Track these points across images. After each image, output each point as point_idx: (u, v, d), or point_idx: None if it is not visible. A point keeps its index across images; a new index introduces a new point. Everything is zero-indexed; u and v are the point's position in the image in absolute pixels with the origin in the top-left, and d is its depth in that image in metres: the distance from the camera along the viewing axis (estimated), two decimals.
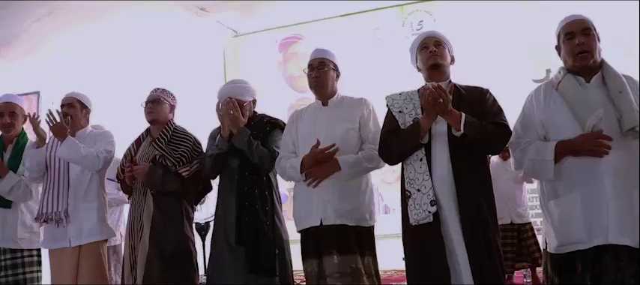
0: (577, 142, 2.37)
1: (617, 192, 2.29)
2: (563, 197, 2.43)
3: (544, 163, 2.43)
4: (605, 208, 2.29)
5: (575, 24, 2.51)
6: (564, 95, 2.47)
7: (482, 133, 2.53)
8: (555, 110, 2.49)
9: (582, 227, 2.33)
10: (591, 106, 2.39)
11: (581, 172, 2.37)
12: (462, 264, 2.46)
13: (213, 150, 3.22)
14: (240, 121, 3.14)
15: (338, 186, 2.87)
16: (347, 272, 2.77)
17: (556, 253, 2.45)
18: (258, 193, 3.14)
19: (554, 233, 2.45)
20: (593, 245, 2.30)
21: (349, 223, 2.85)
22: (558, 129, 2.46)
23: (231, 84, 3.42)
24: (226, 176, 3.25)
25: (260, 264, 3.05)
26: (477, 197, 2.55)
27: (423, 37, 2.83)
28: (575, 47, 2.47)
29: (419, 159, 2.58)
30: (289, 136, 3.10)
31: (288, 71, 7.75)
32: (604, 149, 2.30)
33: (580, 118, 2.40)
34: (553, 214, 2.48)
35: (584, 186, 2.35)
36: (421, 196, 2.52)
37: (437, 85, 2.53)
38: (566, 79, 2.49)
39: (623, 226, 2.26)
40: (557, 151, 2.41)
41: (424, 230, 2.52)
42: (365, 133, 2.98)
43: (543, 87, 2.60)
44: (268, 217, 3.13)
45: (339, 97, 3.09)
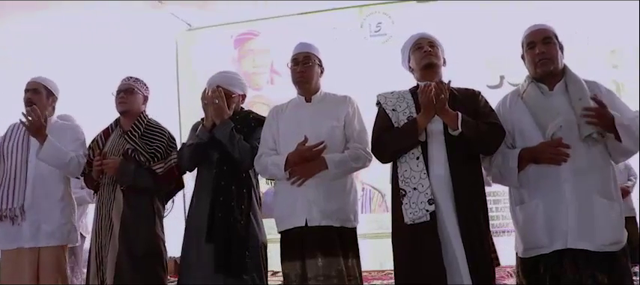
0: (537, 150, 2.46)
1: (577, 197, 2.39)
2: (528, 203, 2.52)
3: (509, 170, 2.51)
4: (565, 214, 2.39)
5: (537, 33, 2.61)
6: (528, 103, 2.57)
7: (478, 133, 2.53)
8: (520, 118, 2.58)
9: (544, 232, 2.42)
10: (553, 113, 2.47)
11: (543, 178, 2.46)
12: (460, 264, 2.44)
13: (193, 139, 3.07)
14: (225, 112, 3.01)
15: (323, 185, 2.78)
16: (332, 275, 2.70)
17: (523, 257, 2.53)
18: (235, 190, 3.00)
19: (521, 238, 2.54)
20: (553, 249, 2.40)
21: (334, 224, 2.77)
22: (523, 136, 2.56)
23: (222, 73, 3.27)
24: (204, 169, 3.10)
25: (228, 264, 2.91)
26: (473, 198, 2.56)
27: (416, 38, 2.82)
28: (535, 56, 2.56)
29: (415, 157, 2.54)
30: (269, 133, 2.98)
31: (242, 68, 7.56)
32: (563, 157, 2.37)
33: (542, 126, 2.49)
34: (519, 220, 2.56)
35: (546, 192, 2.45)
36: (418, 195, 2.48)
37: (438, 81, 2.50)
38: (530, 88, 2.58)
39: (581, 231, 2.36)
40: (520, 158, 2.48)
41: (420, 229, 2.48)
42: (350, 132, 2.90)
43: (510, 95, 2.70)
44: (243, 216, 2.99)
45: (323, 94, 3.01)
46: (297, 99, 3.02)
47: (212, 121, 3.01)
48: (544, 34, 2.60)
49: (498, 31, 6.87)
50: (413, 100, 2.69)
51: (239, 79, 3.25)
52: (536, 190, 2.49)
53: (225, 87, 3.10)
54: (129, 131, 3.22)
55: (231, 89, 3.14)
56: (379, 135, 2.67)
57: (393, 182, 2.65)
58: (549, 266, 2.42)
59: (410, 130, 2.55)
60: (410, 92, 2.76)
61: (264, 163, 2.88)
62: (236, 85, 3.19)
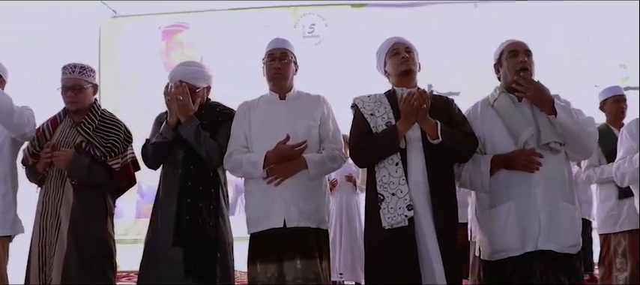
0: (511, 157, 2.56)
1: (546, 202, 2.52)
2: (498, 207, 2.60)
3: (480, 175, 2.59)
4: (537, 217, 2.50)
5: (520, 45, 2.71)
6: (500, 112, 2.66)
7: (456, 142, 2.58)
8: (491, 126, 2.67)
9: (516, 235, 2.52)
10: (523, 122, 2.58)
11: (515, 183, 2.56)
12: (436, 269, 2.45)
13: (157, 138, 2.89)
14: (190, 108, 2.85)
15: (301, 186, 2.72)
16: (310, 277, 2.64)
17: (489, 259, 2.61)
18: (202, 190, 2.87)
19: (489, 241, 2.61)
20: (525, 251, 2.51)
21: (311, 225, 2.72)
22: (493, 143, 2.65)
23: (185, 66, 3.07)
24: (170, 168, 2.93)
25: (198, 267, 2.78)
26: (449, 204, 2.59)
27: (392, 43, 2.80)
28: (517, 64, 2.64)
29: (394, 163, 2.54)
30: (241, 129, 2.86)
31: (170, 60, 7.31)
32: (535, 165, 2.51)
33: (513, 134, 2.59)
34: (488, 223, 2.63)
35: (518, 197, 2.55)
36: (396, 200, 2.49)
37: (422, 90, 2.53)
38: (502, 97, 2.68)
39: (550, 233, 2.49)
40: (493, 164, 2.58)
41: (397, 234, 2.48)
42: (324, 132, 2.86)
43: (480, 104, 2.78)
44: (212, 217, 2.86)
45: (296, 92, 2.94)
46: (270, 95, 2.93)
47: (176, 118, 2.85)
48: (525, 47, 2.70)
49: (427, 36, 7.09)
50: (390, 105, 2.70)
51: (203, 71, 3.07)
52: (508, 195, 2.57)
53: (188, 81, 2.93)
54: (82, 123, 2.97)
55: (195, 83, 2.97)
56: (358, 139, 2.65)
57: (369, 187, 2.64)
58: (519, 268, 2.51)
59: (391, 136, 2.55)
60: (386, 97, 2.76)
61: (237, 160, 2.78)
62: (200, 79, 3.02)
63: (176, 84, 2.88)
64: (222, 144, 2.87)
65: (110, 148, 2.95)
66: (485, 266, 2.66)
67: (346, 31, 7.15)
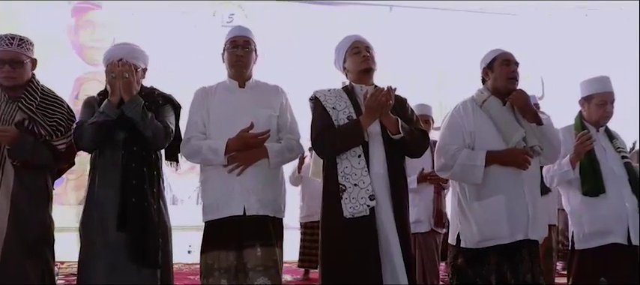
0: (506, 155, 2.80)
1: (531, 196, 2.83)
2: (488, 199, 2.82)
3: (474, 168, 2.80)
4: (525, 210, 2.79)
5: (511, 56, 2.97)
6: (489, 113, 2.89)
7: (413, 138, 2.73)
8: (482, 124, 2.90)
9: (506, 225, 2.76)
10: (514, 125, 2.84)
11: (506, 178, 2.81)
12: (395, 256, 2.58)
13: (97, 117, 2.73)
14: (134, 87, 2.77)
15: (261, 174, 2.75)
16: (269, 265, 2.69)
17: (474, 247, 2.82)
18: (146, 172, 2.78)
19: (477, 230, 2.82)
20: (515, 240, 2.76)
21: (269, 213, 2.76)
22: (483, 140, 2.87)
23: (125, 45, 2.97)
24: (108, 150, 2.80)
25: (143, 253, 2.70)
26: (405, 195, 2.74)
27: (353, 41, 2.89)
28: (510, 73, 2.91)
29: (357, 156, 2.64)
30: (199, 115, 2.84)
31: (79, 40, 6.93)
32: (527, 164, 2.77)
33: (503, 134, 2.84)
34: (476, 214, 2.84)
35: (508, 190, 2.81)
36: (358, 191, 2.59)
37: (389, 88, 2.65)
38: (492, 100, 2.92)
39: (536, 226, 2.81)
40: (487, 159, 2.78)
41: (359, 223, 2.58)
42: (282, 122, 2.91)
43: (469, 103, 2.99)
44: (155, 200, 2.79)
45: (254, 81, 2.96)
46: (229, 82, 2.92)
47: (119, 97, 2.74)
48: (515, 58, 2.96)
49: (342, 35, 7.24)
50: (349, 99, 2.79)
51: (143, 52, 2.98)
52: (499, 188, 2.81)
53: (129, 60, 2.84)
54: (22, 99, 2.77)
55: (136, 63, 2.87)
56: (322, 132, 2.72)
57: (329, 178, 2.72)
58: (507, 255, 2.77)
59: (356, 130, 2.65)
60: (345, 92, 2.84)
61: (196, 147, 2.75)
62: (140, 59, 2.93)
63: (121, 62, 2.79)
64: (166, 125, 2.82)
65: (55, 128, 2.77)
66: (467, 253, 2.85)
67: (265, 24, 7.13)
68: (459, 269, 2.89)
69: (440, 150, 2.94)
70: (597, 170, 3.21)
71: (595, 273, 3.17)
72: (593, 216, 3.20)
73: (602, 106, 3.34)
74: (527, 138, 2.83)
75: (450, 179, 3.04)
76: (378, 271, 2.56)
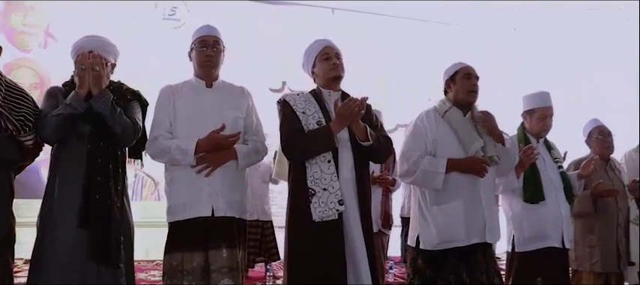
0: (465, 162, 2.96)
1: (487, 201, 2.99)
2: (447, 204, 2.96)
3: (435, 175, 2.94)
4: (482, 215, 2.95)
5: (472, 70, 3.12)
6: (451, 122, 3.04)
7: (380, 145, 2.81)
8: (443, 133, 3.04)
9: (463, 228, 2.91)
10: (474, 135, 3.00)
11: (465, 185, 2.97)
12: (361, 262, 2.64)
13: (63, 109, 2.63)
14: (104, 81, 2.70)
15: (229, 176, 2.76)
16: (234, 267, 2.70)
17: (433, 249, 2.95)
18: (111, 169, 2.71)
19: (436, 233, 2.95)
20: (471, 243, 2.91)
21: (236, 215, 2.77)
22: (445, 148, 3.01)
23: (96, 38, 2.88)
24: (73, 143, 2.71)
25: (105, 251, 2.62)
26: (369, 200, 2.81)
27: (323, 46, 2.91)
28: (471, 86, 3.06)
29: (327, 161, 2.68)
30: (165, 114, 2.80)
31: (10, 23, 6.57)
32: (485, 172, 2.93)
33: (463, 143, 3.00)
34: (436, 218, 2.98)
35: (466, 196, 2.96)
36: (328, 195, 2.63)
37: (363, 98, 2.70)
38: (453, 110, 3.07)
39: (491, 230, 2.98)
40: (448, 166, 2.92)
41: (327, 227, 2.62)
42: (248, 123, 2.91)
43: (432, 112, 3.12)
44: (119, 198, 2.73)
45: (221, 81, 2.94)
46: (195, 82, 2.89)
47: (88, 90, 2.66)
48: (476, 72, 3.11)
49: (284, 36, 7.32)
50: (318, 104, 2.83)
51: (114, 47, 2.91)
52: (457, 194, 2.95)
53: (99, 53, 2.78)
54: None
55: (106, 56, 2.81)
56: (292, 136, 2.73)
57: (297, 181, 2.74)
58: (463, 257, 2.91)
59: (327, 136, 2.68)
60: (313, 96, 2.87)
61: (164, 146, 2.71)
62: (111, 53, 2.87)
63: (93, 54, 2.72)
64: (134, 121, 2.77)
65: (23, 122, 2.63)
66: (427, 255, 2.97)
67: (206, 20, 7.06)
68: (419, 270, 3.01)
69: (403, 156, 3.04)
70: (538, 179, 3.43)
71: (532, 274, 3.38)
72: (532, 221, 3.42)
73: (542, 119, 3.56)
74: (486, 148, 2.99)
75: (412, 184, 3.16)
76: (344, 274, 2.61)
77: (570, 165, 3.89)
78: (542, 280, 3.36)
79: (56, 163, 2.75)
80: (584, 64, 7.12)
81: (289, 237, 2.75)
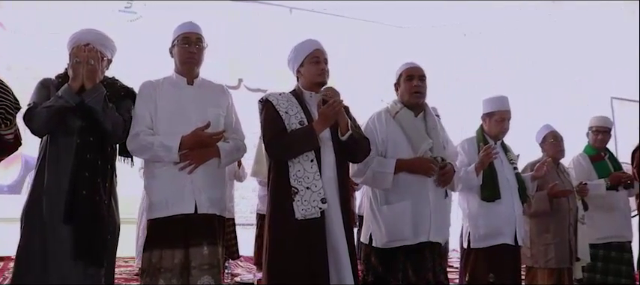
0: (414, 163, 3.05)
1: (435, 202, 3.07)
2: (396, 204, 3.05)
3: (385, 175, 3.04)
4: (429, 215, 3.02)
5: (416, 70, 3.20)
6: (401, 123, 3.13)
7: (360, 139, 2.90)
8: (394, 134, 3.13)
9: (410, 228, 3.00)
10: (423, 136, 3.10)
11: (413, 185, 3.05)
12: (343, 259, 2.71)
13: (55, 101, 2.59)
14: (98, 76, 2.67)
15: (211, 173, 2.78)
16: (214, 264, 2.72)
17: (383, 247, 3.04)
18: (101, 165, 2.69)
19: (385, 232, 3.05)
20: (418, 241, 3.00)
21: (217, 212, 2.80)
22: (395, 149, 3.10)
23: (95, 32, 2.84)
24: (62, 137, 2.67)
25: (90, 250, 2.60)
26: (350, 198, 2.92)
27: (314, 49, 2.94)
28: (412, 87, 3.14)
29: (309, 160, 2.73)
30: (147, 110, 2.78)
31: None
32: (433, 172, 3.03)
33: (413, 143, 3.09)
34: (385, 217, 3.07)
35: (414, 196, 3.04)
36: (311, 194, 2.68)
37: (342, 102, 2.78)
38: (404, 111, 3.17)
39: (438, 229, 3.05)
40: (396, 167, 3.02)
41: (310, 225, 2.68)
42: (229, 121, 2.94)
43: (383, 113, 3.21)
44: (107, 196, 2.70)
45: (201, 79, 2.95)
46: (176, 78, 2.89)
47: (81, 84, 2.63)
48: (421, 71, 3.19)
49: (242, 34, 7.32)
50: (299, 105, 2.88)
51: (112, 42, 2.88)
52: (406, 194, 3.04)
53: (96, 47, 2.75)
54: None
55: (103, 51, 2.79)
56: (275, 135, 2.77)
57: (279, 180, 2.78)
58: (411, 255, 3.00)
59: (310, 136, 2.73)
60: (294, 97, 2.92)
61: (146, 142, 2.70)
62: (108, 47, 2.84)
63: (88, 47, 2.70)
64: (126, 118, 2.76)
65: (3, 116, 2.56)
66: (379, 253, 3.06)
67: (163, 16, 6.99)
68: (372, 267, 3.12)
69: None
70: (495, 179, 3.61)
71: (486, 270, 3.55)
72: (488, 219, 3.59)
73: (501, 122, 3.74)
74: (435, 149, 3.09)
75: (363, 184, 3.25)
76: (326, 272, 2.67)
77: (526, 167, 4.10)
78: (494, 276, 3.53)
79: (45, 156, 2.70)
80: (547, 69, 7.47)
81: (270, 234, 2.79)
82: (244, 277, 5.69)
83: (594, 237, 4.35)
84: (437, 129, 3.19)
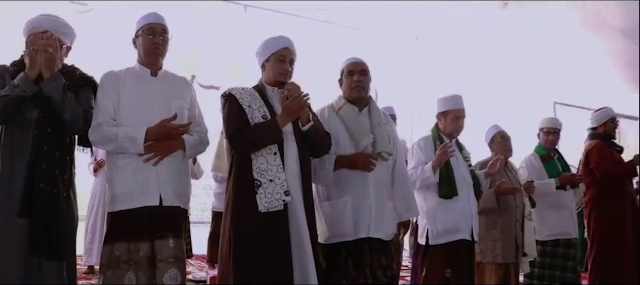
0: (353, 158, 3.06)
1: (376, 198, 3.07)
2: (337, 200, 3.06)
3: (325, 171, 3.04)
4: (369, 210, 3.03)
5: (357, 65, 3.22)
6: (343, 119, 3.16)
7: (321, 130, 2.94)
8: (336, 129, 3.13)
9: (351, 224, 3.01)
10: (364, 131, 3.12)
11: (353, 181, 3.06)
12: (307, 250, 2.73)
13: (10, 90, 2.51)
14: (57, 64, 2.60)
15: (175, 165, 2.76)
16: (180, 257, 2.72)
17: (325, 243, 3.05)
18: (59, 156, 2.62)
19: (327, 227, 3.06)
20: (358, 237, 3.01)
21: (181, 205, 2.79)
22: (337, 144, 3.10)
23: (53, 18, 2.74)
24: (18, 128, 2.59)
25: (47, 244, 2.53)
26: (311, 192, 2.93)
27: (282, 47, 2.94)
28: (353, 82, 3.17)
29: (273, 153, 2.75)
30: (109, 101, 2.74)
31: None
32: (372, 167, 3.04)
33: (355, 139, 3.11)
34: (326, 213, 3.08)
35: (355, 192, 3.05)
36: (274, 186, 2.69)
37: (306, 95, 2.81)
38: (346, 107, 3.19)
39: (378, 225, 3.05)
40: (337, 163, 3.04)
41: (273, 217, 2.69)
42: (192, 114, 2.92)
43: (326, 109, 3.24)
44: (65, 188, 2.64)
45: (164, 71, 2.92)
46: (139, 69, 2.85)
47: (38, 72, 2.56)
48: (362, 66, 3.21)
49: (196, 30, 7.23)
50: (262, 99, 2.88)
51: (71, 29, 2.80)
52: (346, 190, 3.05)
53: (55, 34, 2.67)
54: None
55: (62, 38, 2.71)
56: (239, 128, 2.77)
57: (242, 173, 2.77)
58: (351, 251, 3.01)
59: (274, 129, 2.76)
60: (257, 91, 2.92)
61: (110, 133, 2.66)
62: (67, 35, 2.76)
63: (46, 34, 2.61)
64: (86, 109, 2.69)
65: None
66: (322, 248, 3.05)
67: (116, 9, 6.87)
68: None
69: None
70: (452, 176, 3.68)
71: (443, 266, 3.63)
72: (446, 216, 3.66)
73: (455, 120, 3.82)
74: (377, 144, 3.11)
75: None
76: (289, 263, 2.69)
77: (476, 165, 4.23)
78: (450, 271, 3.62)
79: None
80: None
81: (233, 228, 2.77)
82: (196, 275, 5.63)
83: (543, 234, 4.55)
84: (381, 124, 3.19)
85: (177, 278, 2.66)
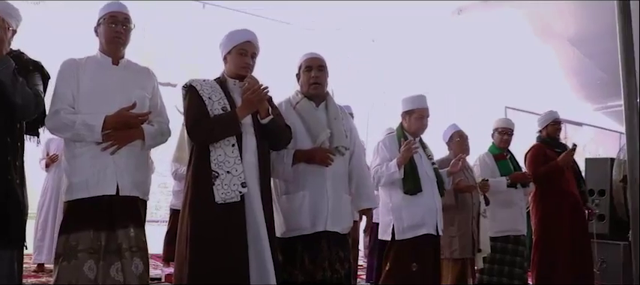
0: (311, 153, 3.07)
1: (333, 193, 3.09)
2: (294, 194, 3.08)
3: (284, 166, 3.04)
4: (326, 204, 3.05)
5: (313, 61, 3.23)
6: (301, 114, 3.17)
7: (281, 125, 2.94)
8: (294, 124, 3.11)
9: (308, 218, 3.03)
10: (321, 125, 3.14)
11: (311, 175, 3.08)
12: (263, 242, 2.72)
13: None
14: (5, 48, 2.53)
15: (133, 155, 2.73)
16: (142, 247, 2.70)
17: (282, 237, 3.05)
18: (10, 143, 2.54)
19: (284, 221, 3.07)
20: (314, 231, 3.03)
21: (140, 195, 2.76)
22: (294, 139, 3.09)
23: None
24: None
25: (7, 233, 2.48)
26: (270, 184, 2.94)
27: (245, 40, 2.93)
28: (310, 78, 3.19)
29: (231, 144, 2.73)
30: (68, 88, 2.69)
31: None
32: (330, 161, 3.06)
33: (312, 134, 3.12)
34: (284, 207, 3.09)
35: (312, 186, 3.07)
36: (231, 178, 2.68)
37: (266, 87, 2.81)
38: (304, 102, 3.20)
39: (335, 218, 3.07)
40: (295, 158, 3.06)
41: (230, 208, 2.67)
42: (154, 104, 2.89)
43: (283, 104, 3.23)
44: (18, 175, 2.57)
45: (126, 60, 2.89)
46: (100, 57, 2.81)
47: None
48: (319, 62, 3.22)
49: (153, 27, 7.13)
50: (223, 91, 2.87)
51: (17, 11, 2.71)
52: (304, 184, 3.06)
53: (1, 16, 2.58)
54: None
55: (9, 21, 2.63)
56: (198, 119, 2.76)
57: (200, 165, 2.76)
58: (308, 244, 3.02)
59: (233, 121, 2.75)
60: (218, 84, 2.91)
61: (68, 121, 2.61)
62: (13, 17, 2.67)
63: None
64: (36, 93, 2.62)
65: None
66: (279, 242, 3.02)
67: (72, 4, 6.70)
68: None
69: None
70: (416, 173, 3.77)
71: (409, 260, 3.70)
72: (411, 211, 3.74)
73: (420, 119, 3.91)
74: (334, 139, 3.13)
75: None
76: (245, 257, 2.68)
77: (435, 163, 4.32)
78: (416, 265, 3.69)
79: None
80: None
81: (191, 218, 2.74)
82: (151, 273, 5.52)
83: (494, 230, 4.67)
84: (339, 119, 3.21)
85: (138, 267, 2.64)
